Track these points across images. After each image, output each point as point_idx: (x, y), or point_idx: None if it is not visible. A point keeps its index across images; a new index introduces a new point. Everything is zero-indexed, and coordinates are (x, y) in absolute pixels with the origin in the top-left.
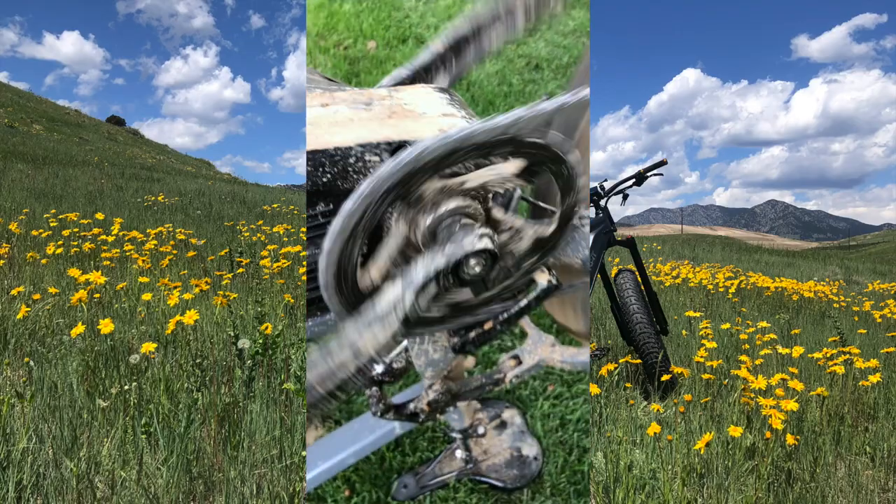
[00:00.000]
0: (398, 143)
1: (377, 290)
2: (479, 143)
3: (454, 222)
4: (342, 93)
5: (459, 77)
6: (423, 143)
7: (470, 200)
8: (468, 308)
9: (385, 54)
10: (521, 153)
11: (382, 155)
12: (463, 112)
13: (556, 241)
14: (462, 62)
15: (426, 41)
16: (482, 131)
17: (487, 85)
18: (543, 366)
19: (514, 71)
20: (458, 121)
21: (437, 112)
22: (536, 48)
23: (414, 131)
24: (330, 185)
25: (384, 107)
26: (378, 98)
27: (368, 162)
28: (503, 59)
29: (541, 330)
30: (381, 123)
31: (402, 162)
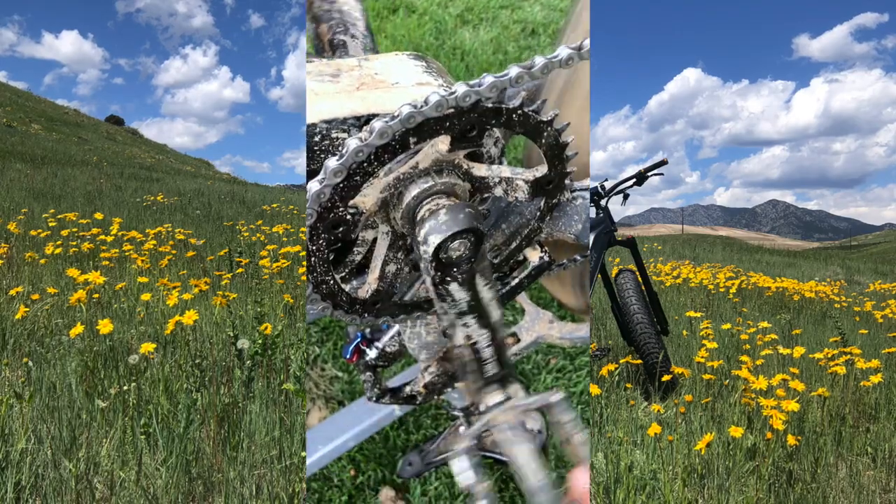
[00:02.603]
0: (367, 116)
1: (381, 292)
2: (431, 119)
3: (435, 206)
4: (311, 65)
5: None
6: (352, 142)
7: (438, 177)
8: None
9: (375, 25)
10: (485, 122)
11: (351, 131)
12: (440, 80)
13: (556, 181)
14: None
15: (417, 9)
16: (431, 107)
17: (482, 54)
18: (542, 342)
19: (509, 38)
20: (435, 89)
21: (412, 81)
22: (532, 13)
23: (385, 103)
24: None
25: (353, 77)
26: (347, 68)
27: (336, 140)
28: (498, 25)
29: (538, 306)
30: (348, 96)
31: (344, 157)
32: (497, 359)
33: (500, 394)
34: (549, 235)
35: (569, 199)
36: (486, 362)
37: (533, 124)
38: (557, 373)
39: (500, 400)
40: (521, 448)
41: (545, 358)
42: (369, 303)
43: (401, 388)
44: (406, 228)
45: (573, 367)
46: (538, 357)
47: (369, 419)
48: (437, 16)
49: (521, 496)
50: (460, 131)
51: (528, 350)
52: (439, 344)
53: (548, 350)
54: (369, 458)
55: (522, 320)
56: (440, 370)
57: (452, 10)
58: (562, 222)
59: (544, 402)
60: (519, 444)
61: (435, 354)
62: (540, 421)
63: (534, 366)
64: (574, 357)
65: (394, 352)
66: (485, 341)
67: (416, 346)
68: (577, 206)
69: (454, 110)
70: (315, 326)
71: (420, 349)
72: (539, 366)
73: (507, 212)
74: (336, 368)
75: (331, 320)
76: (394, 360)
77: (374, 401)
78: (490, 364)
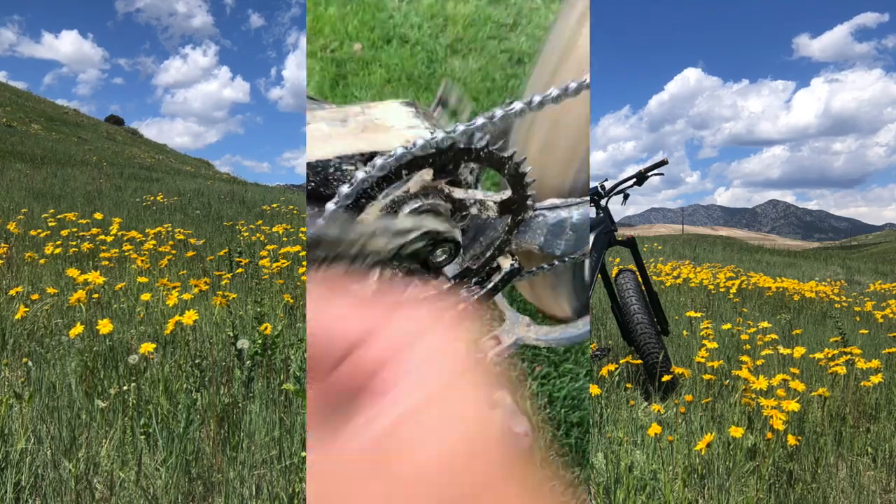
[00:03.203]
0: (370, 153)
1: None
2: (418, 157)
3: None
4: (322, 111)
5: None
6: (357, 176)
7: (425, 199)
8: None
9: (371, 55)
10: (458, 159)
11: (357, 164)
12: (426, 123)
13: (518, 203)
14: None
15: (409, 40)
16: (418, 148)
17: (471, 82)
18: (520, 344)
19: (496, 66)
20: (422, 131)
21: (404, 125)
22: (518, 42)
23: (384, 143)
24: (315, 191)
25: (358, 122)
26: (353, 115)
27: (346, 171)
28: (486, 55)
29: (517, 311)
30: (355, 137)
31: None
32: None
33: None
34: (518, 246)
35: (532, 217)
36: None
37: (496, 159)
38: (542, 379)
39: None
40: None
41: (531, 366)
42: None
43: None
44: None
45: (557, 374)
46: (524, 364)
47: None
48: (428, 46)
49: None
50: (441, 165)
51: (509, 351)
52: None
53: (533, 357)
54: None
55: (502, 325)
56: None
57: (443, 41)
58: (527, 235)
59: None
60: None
61: None
62: (526, 424)
63: (520, 373)
64: (558, 364)
65: None
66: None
67: None
68: (539, 222)
69: (435, 150)
70: None
71: None
72: (525, 373)
73: (483, 227)
74: None
75: None
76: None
77: None
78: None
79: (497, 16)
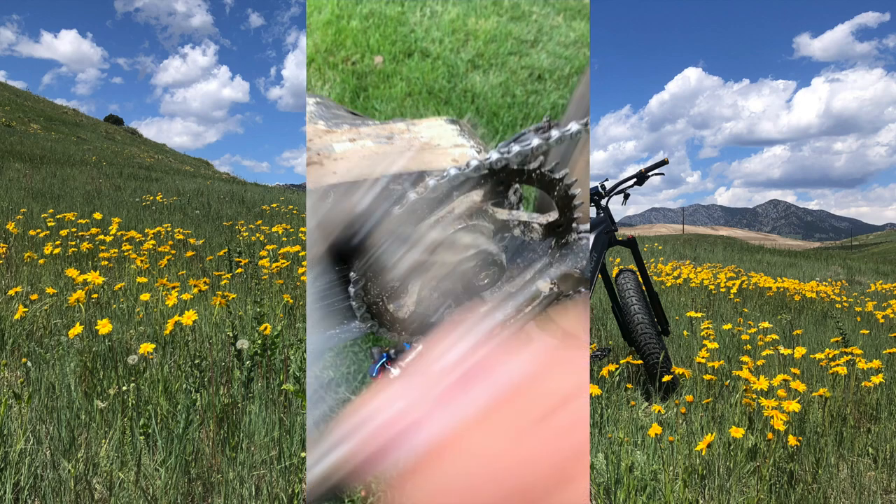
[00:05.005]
0: (418, 173)
1: (416, 313)
2: (472, 178)
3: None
4: (366, 127)
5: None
6: (410, 195)
7: (469, 220)
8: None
9: (392, 68)
10: (511, 180)
11: (404, 185)
12: (472, 141)
13: (565, 225)
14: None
15: (430, 54)
16: (472, 169)
17: (492, 97)
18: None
19: (517, 82)
20: (468, 150)
21: (450, 143)
22: (539, 59)
23: (430, 162)
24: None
25: (404, 140)
26: (398, 132)
27: (393, 191)
28: (507, 70)
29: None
30: (401, 156)
31: (405, 207)
32: None
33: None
34: (558, 270)
35: (576, 240)
36: None
37: (547, 181)
38: None
39: None
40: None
41: None
42: (407, 322)
43: None
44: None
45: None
46: None
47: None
48: (449, 60)
49: None
50: (492, 186)
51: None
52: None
53: None
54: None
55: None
56: None
57: (464, 56)
58: (569, 259)
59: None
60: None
61: None
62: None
63: None
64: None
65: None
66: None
67: None
68: (582, 245)
69: (488, 171)
70: (329, 351)
71: None
72: None
73: (521, 248)
74: (349, 392)
75: (343, 346)
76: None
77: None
78: None
79: (518, 32)
